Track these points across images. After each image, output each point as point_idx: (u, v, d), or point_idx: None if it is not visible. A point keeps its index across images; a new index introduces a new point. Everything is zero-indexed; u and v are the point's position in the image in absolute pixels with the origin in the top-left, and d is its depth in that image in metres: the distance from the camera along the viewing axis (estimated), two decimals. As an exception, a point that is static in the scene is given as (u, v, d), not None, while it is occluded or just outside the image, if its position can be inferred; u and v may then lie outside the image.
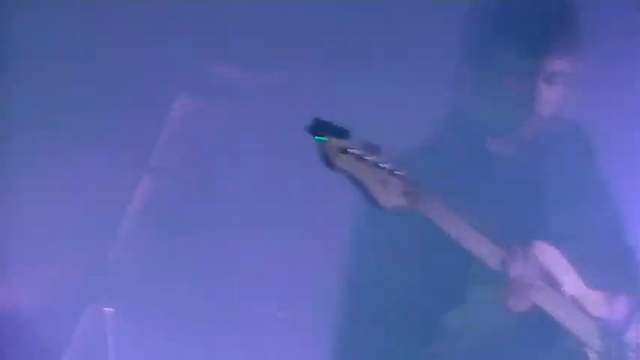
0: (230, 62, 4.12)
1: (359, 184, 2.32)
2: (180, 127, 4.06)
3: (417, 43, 3.68)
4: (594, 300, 2.69)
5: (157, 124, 4.08)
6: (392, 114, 3.62)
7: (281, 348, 4.03)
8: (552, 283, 2.56)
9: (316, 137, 2.27)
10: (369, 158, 2.30)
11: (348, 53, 3.98)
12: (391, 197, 2.36)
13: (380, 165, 2.33)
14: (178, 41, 4.00)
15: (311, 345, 3.70)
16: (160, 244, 4.00)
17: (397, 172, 2.34)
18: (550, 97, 2.56)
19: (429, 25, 3.60)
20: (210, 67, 4.11)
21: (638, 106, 3.83)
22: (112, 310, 3.85)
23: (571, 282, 2.63)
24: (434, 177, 2.53)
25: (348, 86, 3.95)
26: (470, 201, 2.55)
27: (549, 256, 2.59)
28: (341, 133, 2.29)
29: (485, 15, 2.59)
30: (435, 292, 2.56)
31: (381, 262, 2.59)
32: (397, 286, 2.59)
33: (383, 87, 3.88)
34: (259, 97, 4.04)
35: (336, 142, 2.28)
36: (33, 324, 3.82)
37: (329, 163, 2.26)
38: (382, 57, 3.98)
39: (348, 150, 2.27)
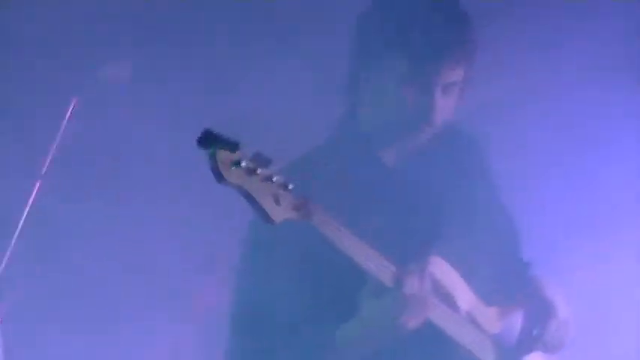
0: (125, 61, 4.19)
1: (250, 198, 2.31)
2: (74, 128, 4.10)
3: (310, 49, 3.76)
4: (489, 316, 2.75)
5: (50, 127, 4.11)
6: (283, 123, 3.67)
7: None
8: (447, 299, 2.59)
9: (206, 150, 2.23)
10: (260, 172, 2.29)
11: (239, 57, 4.06)
12: (283, 212, 2.36)
13: (271, 179, 2.33)
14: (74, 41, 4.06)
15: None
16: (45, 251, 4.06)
17: (289, 186, 2.34)
18: (445, 106, 2.61)
19: (323, 29, 3.66)
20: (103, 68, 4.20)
21: (527, 109, 4.02)
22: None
23: (465, 298, 2.68)
24: (326, 188, 2.55)
25: (240, 92, 4.03)
26: (362, 213, 2.58)
27: (443, 271, 2.61)
28: (232, 145, 2.26)
29: (381, 23, 2.61)
30: (326, 305, 2.57)
31: (271, 274, 2.60)
32: (288, 299, 2.60)
33: (274, 95, 3.97)
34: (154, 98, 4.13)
35: (226, 155, 2.25)
36: None
37: (219, 177, 2.24)
38: (274, 63, 4.07)
39: (240, 163, 2.26)
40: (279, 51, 4.08)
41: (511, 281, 2.89)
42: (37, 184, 3.92)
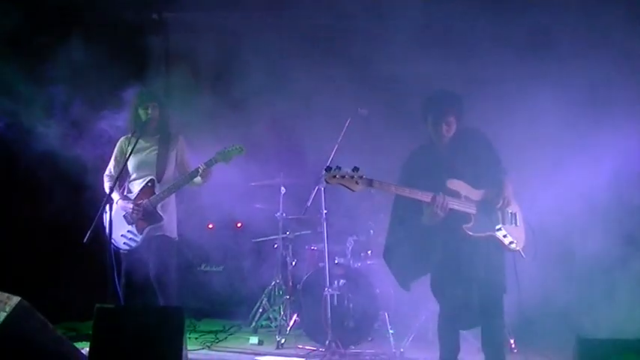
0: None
1: (344, 186, 5.66)
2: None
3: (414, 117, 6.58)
4: (478, 194, 6.02)
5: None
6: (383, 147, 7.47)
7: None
8: (456, 195, 5.96)
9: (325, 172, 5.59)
10: (349, 175, 5.64)
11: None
12: (359, 187, 5.65)
13: (353, 176, 5.65)
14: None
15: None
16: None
17: (363, 176, 5.65)
18: (448, 130, 6.10)
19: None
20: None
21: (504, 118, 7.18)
22: None
23: (465, 189, 5.99)
24: (409, 167, 6.13)
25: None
26: (431, 165, 5.98)
27: (458, 184, 5.97)
28: (336, 168, 5.60)
29: (426, 99, 6.21)
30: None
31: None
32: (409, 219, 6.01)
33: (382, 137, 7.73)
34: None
35: (332, 172, 5.65)
36: None
37: (326, 182, 5.69)
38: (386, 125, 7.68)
39: (337, 174, 5.62)
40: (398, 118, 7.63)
41: (491, 183, 6.10)
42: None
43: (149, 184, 7.21)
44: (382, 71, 8.58)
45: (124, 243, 7.17)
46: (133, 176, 7.30)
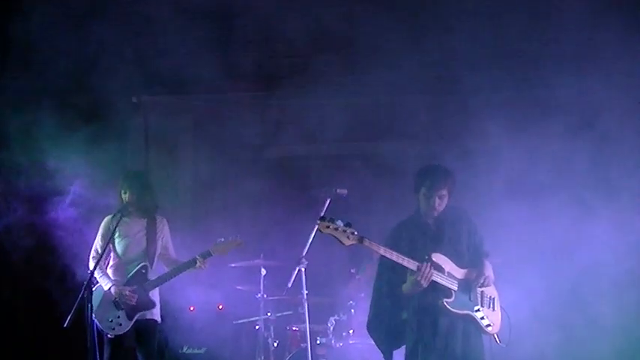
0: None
1: (335, 238, 5.71)
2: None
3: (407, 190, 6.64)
4: (460, 272, 6.08)
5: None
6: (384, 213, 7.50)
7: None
8: (440, 269, 6.00)
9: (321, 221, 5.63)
10: (342, 228, 5.69)
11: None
12: (349, 241, 5.73)
13: (346, 230, 5.69)
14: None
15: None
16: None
17: (355, 233, 5.71)
18: (441, 204, 6.18)
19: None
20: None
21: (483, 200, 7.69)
22: None
23: (448, 266, 6.05)
24: (396, 236, 6.16)
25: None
26: (419, 242, 6.05)
27: (439, 257, 6.03)
28: (330, 219, 5.61)
29: (421, 171, 6.29)
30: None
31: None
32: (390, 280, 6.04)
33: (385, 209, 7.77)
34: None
35: (326, 223, 5.68)
36: None
37: (319, 232, 5.77)
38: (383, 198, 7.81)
39: (330, 227, 5.67)
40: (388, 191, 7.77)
41: (474, 263, 6.21)
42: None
43: (142, 270, 7.23)
44: (363, 148, 8.75)
45: (112, 329, 7.11)
46: (123, 260, 7.29)
